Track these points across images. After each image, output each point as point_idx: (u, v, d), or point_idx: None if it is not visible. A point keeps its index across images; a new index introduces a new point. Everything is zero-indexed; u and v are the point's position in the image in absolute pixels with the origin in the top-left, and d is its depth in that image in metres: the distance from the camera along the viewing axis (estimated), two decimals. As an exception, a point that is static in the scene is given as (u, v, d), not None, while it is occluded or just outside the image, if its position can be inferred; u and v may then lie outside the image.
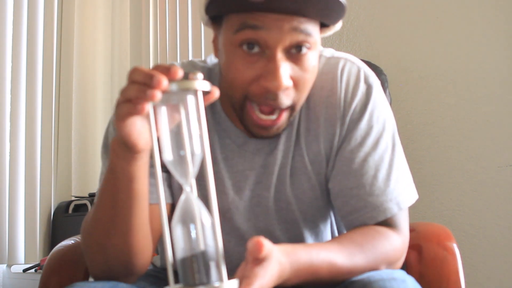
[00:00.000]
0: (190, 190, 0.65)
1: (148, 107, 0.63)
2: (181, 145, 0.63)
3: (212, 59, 0.99)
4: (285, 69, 0.80)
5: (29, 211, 2.35)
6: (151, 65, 2.60)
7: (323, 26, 0.87)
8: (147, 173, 0.77)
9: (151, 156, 0.72)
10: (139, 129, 0.69)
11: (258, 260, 0.66)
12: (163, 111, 0.64)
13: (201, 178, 0.69)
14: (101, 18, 2.79)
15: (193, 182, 0.65)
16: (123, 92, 0.66)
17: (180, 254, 0.62)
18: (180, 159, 0.63)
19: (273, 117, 0.84)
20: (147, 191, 0.78)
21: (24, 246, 2.35)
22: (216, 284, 0.61)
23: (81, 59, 2.67)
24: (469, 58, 1.73)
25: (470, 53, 1.73)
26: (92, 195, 2.36)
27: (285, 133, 0.92)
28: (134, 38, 2.70)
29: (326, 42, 2.01)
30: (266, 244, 0.66)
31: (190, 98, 0.63)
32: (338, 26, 0.88)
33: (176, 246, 0.62)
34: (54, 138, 2.46)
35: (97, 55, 2.76)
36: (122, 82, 2.75)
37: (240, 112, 0.86)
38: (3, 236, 2.31)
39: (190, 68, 0.97)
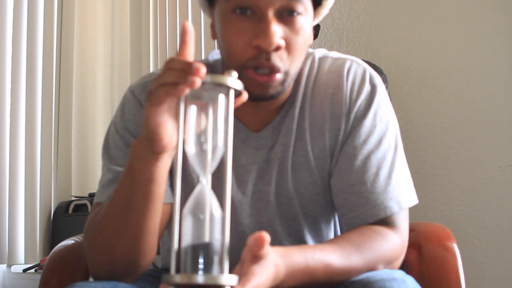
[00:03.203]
0: (206, 182, 0.67)
1: (186, 92, 0.64)
2: (205, 139, 0.66)
3: (213, 56, 1.00)
4: (277, 29, 0.83)
5: (29, 211, 2.35)
6: (151, 65, 2.60)
7: (317, 6, 0.90)
8: (166, 177, 0.77)
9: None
10: (169, 125, 0.70)
11: (256, 258, 0.66)
12: (193, 111, 0.66)
13: (216, 173, 0.71)
14: (101, 18, 2.80)
15: (209, 176, 0.67)
16: (161, 77, 0.66)
17: (185, 243, 0.63)
18: (202, 152, 0.66)
19: (267, 71, 0.85)
20: (163, 194, 0.79)
21: (24, 246, 2.35)
22: (217, 275, 0.61)
23: (81, 59, 2.67)
24: (469, 58, 1.73)
25: (469, 52, 1.73)
26: (92, 195, 2.35)
27: (285, 127, 0.93)
28: (134, 37, 2.70)
29: (326, 42, 2.01)
30: (268, 240, 0.66)
31: (221, 97, 0.66)
32: (331, 1, 0.92)
33: (183, 235, 0.63)
34: (54, 138, 2.46)
35: (97, 55, 2.76)
36: (122, 82, 2.75)
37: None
38: (3, 236, 2.31)
39: None
